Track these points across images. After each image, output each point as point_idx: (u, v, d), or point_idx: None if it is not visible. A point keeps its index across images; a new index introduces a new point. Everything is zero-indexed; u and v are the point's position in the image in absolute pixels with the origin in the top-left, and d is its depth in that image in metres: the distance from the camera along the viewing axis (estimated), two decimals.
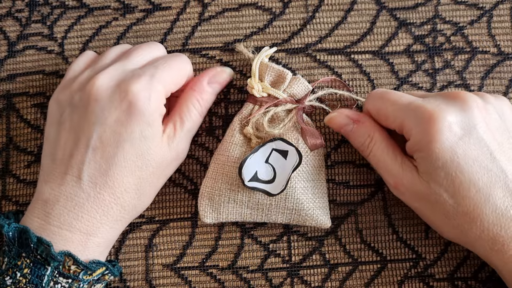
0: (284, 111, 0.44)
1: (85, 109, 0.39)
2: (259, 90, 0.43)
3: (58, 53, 0.47)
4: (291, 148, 0.41)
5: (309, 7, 0.48)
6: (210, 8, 0.48)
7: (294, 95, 0.44)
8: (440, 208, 0.38)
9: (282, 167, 0.42)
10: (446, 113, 0.38)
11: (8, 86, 0.47)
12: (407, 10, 0.47)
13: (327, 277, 0.45)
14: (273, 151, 0.42)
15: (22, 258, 0.37)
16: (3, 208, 0.46)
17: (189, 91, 0.43)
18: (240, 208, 0.43)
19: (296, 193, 0.42)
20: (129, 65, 0.41)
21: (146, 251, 0.45)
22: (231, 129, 0.44)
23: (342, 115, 0.43)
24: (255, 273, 0.45)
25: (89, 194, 0.38)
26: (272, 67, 0.43)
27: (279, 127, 0.43)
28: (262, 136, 0.43)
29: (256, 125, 0.43)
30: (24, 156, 0.46)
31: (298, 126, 0.44)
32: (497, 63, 0.47)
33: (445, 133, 0.37)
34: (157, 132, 0.40)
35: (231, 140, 0.43)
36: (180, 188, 0.46)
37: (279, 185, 0.42)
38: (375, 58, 0.47)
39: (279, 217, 0.43)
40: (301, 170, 0.43)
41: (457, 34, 0.47)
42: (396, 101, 0.40)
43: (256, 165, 0.41)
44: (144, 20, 0.48)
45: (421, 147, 0.38)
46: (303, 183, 0.43)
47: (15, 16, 0.48)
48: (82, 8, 0.48)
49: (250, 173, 0.41)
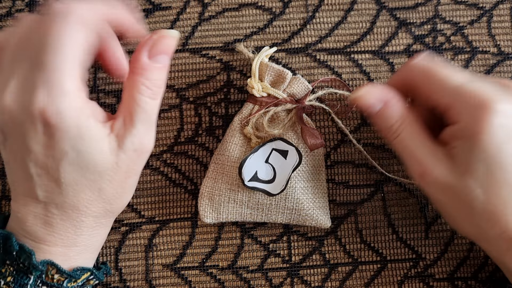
0: (284, 111, 0.44)
1: (12, 139, 0.36)
2: (259, 90, 0.43)
3: None
4: (291, 148, 0.42)
5: (309, 7, 0.48)
6: (210, 8, 0.48)
7: (294, 95, 0.44)
8: (467, 203, 0.36)
9: (282, 167, 0.42)
10: (504, 105, 0.35)
11: None
12: (407, 10, 0.47)
13: (327, 277, 0.45)
14: (273, 151, 0.42)
15: (6, 265, 0.36)
16: (3, 208, 0.46)
17: (130, 75, 0.37)
18: (240, 208, 0.43)
19: (296, 193, 0.43)
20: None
21: (146, 251, 0.45)
22: (231, 129, 0.44)
23: (371, 95, 0.39)
24: (255, 273, 0.45)
25: (53, 212, 0.36)
26: (272, 67, 0.43)
27: (279, 127, 0.43)
28: (262, 136, 0.43)
29: (256, 125, 0.44)
30: None
31: (298, 126, 0.44)
32: (497, 63, 0.47)
33: (497, 127, 0.34)
34: (97, 138, 0.35)
35: (231, 140, 0.43)
36: (180, 188, 0.46)
37: (279, 185, 0.42)
38: (375, 58, 0.47)
39: (279, 217, 0.43)
40: (301, 170, 0.43)
41: (457, 34, 0.47)
42: (447, 79, 0.37)
43: (256, 165, 0.42)
44: (144, 20, 0.48)
45: (467, 136, 0.35)
46: (303, 183, 0.43)
47: (15, 16, 0.48)
48: None
49: (250, 173, 0.42)
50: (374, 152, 0.46)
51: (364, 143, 0.46)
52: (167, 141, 0.46)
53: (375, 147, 0.46)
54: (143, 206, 0.46)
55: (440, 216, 0.45)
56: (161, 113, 0.46)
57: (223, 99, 0.46)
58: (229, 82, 0.46)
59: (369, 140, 0.46)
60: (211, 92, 0.47)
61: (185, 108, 0.46)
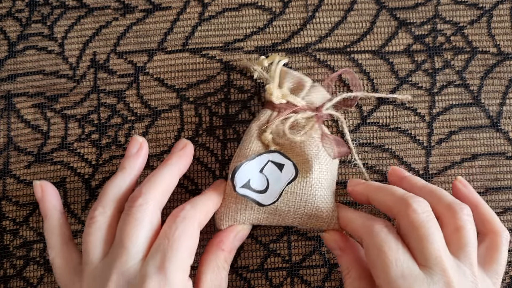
0: (304, 119, 0.43)
1: None
2: (278, 96, 0.42)
3: (58, 53, 0.47)
4: (288, 162, 0.40)
5: (309, 6, 0.48)
6: (210, 8, 0.48)
7: (312, 103, 0.43)
8: None
9: (276, 179, 0.41)
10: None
11: (8, 86, 0.47)
12: (407, 10, 0.47)
13: (327, 276, 0.45)
14: (269, 162, 0.41)
15: None
16: (3, 209, 0.46)
17: (216, 248, 0.41)
18: (257, 214, 0.42)
19: (315, 201, 0.41)
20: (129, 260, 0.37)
21: None
22: (249, 135, 0.43)
23: (331, 239, 0.42)
24: (255, 273, 0.45)
25: None
26: (291, 74, 0.43)
27: (300, 134, 0.42)
28: (282, 142, 0.42)
29: (276, 131, 0.42)
30: (24, 156, 0.46)
31: (318, 133, 0.42)
32: (497, 63, 0.47)
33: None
34: None
35: (249, 147, 0.42)
36: (180, 188, 0.46)
37: (271, 196, 0.40)
38: (375, 58, 0.47)
39: (296, 222, 0.42)
40: (322, 178, 0.42)
41: (457, 34, 0.47)
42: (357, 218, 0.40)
43: (250, 173, 0.40)
44: (144, 20, 0.48)
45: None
46: (323, 191, 0.42)
47: (15, 16, 0.48)
48: (82, 8, 0.48)
49: (243, 180, 0.40)
50: (374, 152, 0.46)
51: (364, 143, 0.46)
52: (167, 141, 0.46)
53: (375, 147, 0.46)
54: None
55: None
56: (162, 113, 0.46)
57: (223, 99, 0.47)
58: (229, 82, 0.46)
59: (368, 140, 0.46)
60: (211, 92, 0.47)
61: (185, 108, 0.46)
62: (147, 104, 0.47)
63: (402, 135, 0.46)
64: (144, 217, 0.38)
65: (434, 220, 0.37)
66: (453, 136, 0.46)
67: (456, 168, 0.46)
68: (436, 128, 0.46)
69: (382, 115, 0.46)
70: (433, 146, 0.46)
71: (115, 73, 0.47)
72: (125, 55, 0.47)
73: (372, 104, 0.46)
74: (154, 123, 0.46)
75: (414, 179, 0.42)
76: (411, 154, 0.46)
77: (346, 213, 0.41)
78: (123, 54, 0.47)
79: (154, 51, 0.47)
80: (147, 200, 0.38)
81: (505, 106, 0.46)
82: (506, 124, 0.46)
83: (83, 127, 0.46)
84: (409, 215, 0.37)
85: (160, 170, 0.40)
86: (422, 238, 0.36)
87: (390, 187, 0.40)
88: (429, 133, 0.46)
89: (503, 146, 0.46)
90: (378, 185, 0.41)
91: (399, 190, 0.39)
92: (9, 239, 0.46)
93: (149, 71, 0.47)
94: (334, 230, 0.42)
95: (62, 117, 0.47)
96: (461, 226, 0.37)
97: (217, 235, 0.42)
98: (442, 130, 0.46)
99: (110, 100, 0.47)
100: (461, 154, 0.46)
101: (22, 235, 0.46)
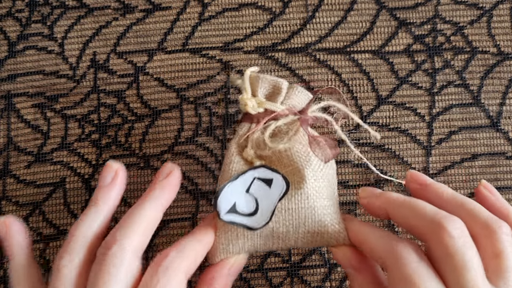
0: (286, 125, 0.39)
1: None
2: (253, 106, 0.38)
3: (58, 53, 0.47)
4: (276, 176, 0.36)
5: (309, 6, 0.48)
6: (210, 8, 0.48)
7: (294, 107, 0.39)
8: None
9: (265, 198, 0.36)
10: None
11: (8, 86, 0.47)
12: (407, 10, 0.47)
13: (327, 277, 0.45)
14: (255, 179, 0.36)
15: None
16: (2, 209, 0.46)
17: (208, 287, 0.36)
18: (252, 241, 0.37)
19: (316, 214, 0.36)
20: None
21: (146, 251, 0.45)
22: (229, 155, 0.38)
23: (342, 256, 0.36)
24: (255, 273, 0.45)
25: None
26: (264, 78, 0.39)
27: (283, 141, 0.37)
28: (266, 155, 0.38)
29: (256, 144, 0.38)
30: (24, 156, 0.46)
31: (305, 138, 0.38)
32: (496, 63, 0.47)
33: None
34: None
35: (231, 168, 0.37)
36: (180, 188, 0.46)
37: (262, 218, 0.36)
38: (375, 58, 0.47)
39: (299, 242, 0.37)
40: (319, 186, 0.37)
41: (457, 34, 0.47)
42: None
43: (235, 195, 0.36)
44: (144, 20, 0.48)
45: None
46: (322, 201, 0.37)
47: (15, 16, 0.48)
48: (82, 8, 0.48)
49: (227, 205, 0.35)
50: (374, 152, 0.46)
51: (363, 143, 0.46)
52: (167, 141, 0.46)
53: (374, 147, 0.46)
54: None
55: None
56: (161, 113, 0.46)
57: (223, 99, 0.47)
58: (229, 82, 0.46)
59: (368, 140, 0.46)
60: (211, 92, 0.47)
61: (185, 108, 0.46)
62: (147, 104, 0.47)
63: (402, 135, 0.46)
64: (119, 270, 0.32)
65: (472, 245, 0.32)
66: (453, 136, 0.46)
67: (456, 168, 0.46)
68: (436, 128, 0.46)
69: (382, 115, 0.46)
70: (433, 146, 0.46)
71: (115, 73, 0.47)
72: (125, 55, 0.47)
73: (372, 104, 0.46)
74: (154, 123, 0.46)
75: (440, 187, 0.36)
76: (411, 154, 0.46)
77: (360, 228, 0.36)
78: (123, 54, 0.47)
79: (154, 51, 0.47)
80: (123, 247, 0.32)
81: (505, 106, 0.46)
82: (506, 124, 0.46)
83: (83, 127, 0.46)
84: (444, 240, 0.31)
85: (140, 206, 0.35)
86: (458, 268, 0.31)
87: (416, 203, 0.34)
88: (429, 133, 0.46)
89: (503, 146, 0.46)
90: (401, 199, 0.35)
91: (428, 208, 0.33)
92: None
93: (149, 71, 0.47)
94: (345, 246, 0.37)
95: (62, 117, 0.47)
96: (500, 251, 0.32)
97: (208, 271, 0.37)
98: (442, 130, 0.46)
99: (110, 100, 0.47)
100: (461, 154, 0.46)
101: None
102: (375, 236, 0.34)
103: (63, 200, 0.46)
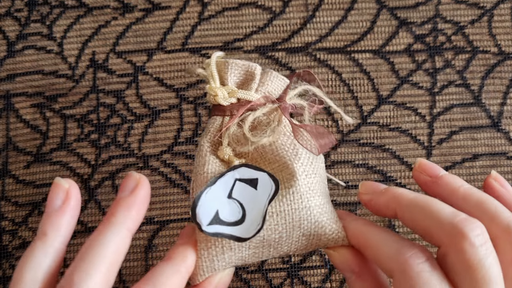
0: (265, 115, 0.34)
1: None
2: (224, 96, 0.33)
3: (57, 53, 0.47)
4: (261, 175, 0.31)
5: (309, 6, 0.47)
6: (210, 8, 0.48)
7: (271, 94, 0.35)
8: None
9: (252, 201, 0.31)
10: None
11: (7, 86, 0.47)
12: (407, 9, 0.47)
13: (327, 277, 0.45)
14: (236, 181, 0.31)
15: None
16: (2, 209, 0.46)
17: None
18: (240, 253, 0.32)
19: (312, 214, 0.32)
20: None
21: (145, 252, 0.45)
22: (201, 155, 0.33)
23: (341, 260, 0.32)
24: (255, 274, 0.45)
25: None
26: (234, 64, 0.34)
27: (266, 134, 0.33)
28: (246, 151, 0.33)
29: (234, 140, 0.33)
30: (23, 156, 0.46)
31: (289, 128, 0.34)
32: (497, 62, 0.47)
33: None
34: None
35: (205, 170, 0.32)
36: (180, 188, 0.46)
37: (252, 224, 0.31)
38: (376, 57, 0.47)
39: (293, 248, 0.33)
40: (311, 182, 0.32)
41: (458, 33, 0.47)
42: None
43: (216, 202, 0.31)
44: (144, 19, 0.47)
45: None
46: (317, 199, 0.32)
47: (14, 16, 0.48)
48: (82, 8, 0.48)
49: (209, 214, 0.30)
50: (374, 152, 0.46)
51: (363, 143, 0.46)
52: (166, 142, 0.46)
53: (375, 147, 0.46)
54: None
55: None
56: (161, 113, 0.46)
57: None
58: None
59: (369, 140, 0.46)
60: None
61: (184, 108, 0.46)
62: (146, 104, 0.46)
63: (402, 135, 0.46)
64: None
65: (493, 252, 0.28)
66: (454, 136, 0.46)
67: (457, 168, 0.46)
68: (437, 128, 0.46)
69: (382, 115, 0.46)
70: (434, 146, 0.46)
71: (114, 72, 0.47)
72: (124, 54, 0.47)
73: (372, 104, 0.46)
74: (153, 123, 0.46)
75: (455, 181, 0.32)
76: (412, 154, 0.46)
77: (361, 229, 0.31)
78: (122, 54, 0.47)
79: (153, 50, 0.47)
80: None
81: (506, 106, 0.46)
82: (507, 124, 0.46)
83: (82, 127, 0.46)
84: (464, 249, 0.27)
85: (101, 235, 0.28)
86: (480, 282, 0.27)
87: (430, 203, 0.30)
88: (430, 133, 0.46)
89: (504, 146, 0.46)
90: (411, 196, 0.31)
91: (444, 209, 0.29)
92: (8, 239, 0.46)
93: (148, 71, 0.47)
94: (344, 247, 0.32)
95: (61, 117, 0.47)
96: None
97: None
98: (443, 130, 0.46)
99: (109, 100, 0.47)
100: (462, 154, 0.46)
101: (21, 236, 0.46)
102: (380, 239, 0.30)
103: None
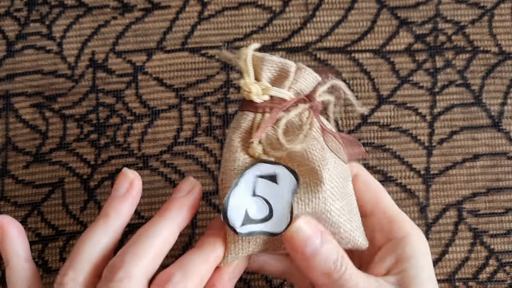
0: (296, 116, 0.34)
1: None
2: (258, 92, 0.33)
3: (57, 52, 0.47)
4: (279, 169, 0.32)
5: (310, 5, 0.47)
6: (210, 7, 0.47)
7: (302, 91, 0.34)
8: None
9: (276, 196, 0.32)
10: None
11: (6, 86, 0.47)
12: (408, 9, 0.47)
13: None
14: (258, 179, 0.32)
15: None
16: (1, 209, 0.46)
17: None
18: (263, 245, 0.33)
19: (332, 216, 0.32)
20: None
21: None
22: (231, 151, 0.33)
23: (309, 226, 0.31)
24: (255, 274, 0.45)
25: None
26: (269, 60, 0.33)
27: (300, 140, 0.32)
28: (279, 155, 0.33)
29: (267, 141, 0.33)
30: (23, 156, 0.46)
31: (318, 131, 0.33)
32: (498, 62, 0.47)
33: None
34: None
35: (235, 167, 0.33)
36: None
37: (281, 219, 0.31)
38: (376, 57, 0.47)
39: None
40: (333, 187, 0.32)
41: (458, 33, 0.47)
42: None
43: (243, 202, 0.31)
44: (143, 19, 0.47)
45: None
46: (338, 202, 0.32)
47: (13, 16, 0.48)
48: (81, 7, 0.48)
49: (240, 215, 0.31)
50: (374, 152, 0.46)
51: (364, 143, 0.46)
52: (166, 141, 0.46)
53: (375, 147, 0.46)
54: (143, 207, 0.45)
55: (441, 217, 0.45)
56: (160, 113, 0.46)
57: (222, 98, 0.46)
58: (228, 81, 0.46)
59: (369, 140, 0.46)
60: (211, 92, 0.46)
61: (184, 108, 0.46)
62: (146, 103, 0.46)
63: (403, 135, 0.46)
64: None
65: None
66: (454, 136, 0.46)
67: (458, 168, 0.45)
68: (437, 128, 0.46)
69: (383, 115, 0.46)
70: (434, 146, 0.46)
71: (113, 72, 0.47)
72: (124, 54, 0.47)
73: (372, 104, 0.46)
74: (153, 123, 0.46)
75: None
76: (412, 154, 0.46)
77: (377, 187, 0.37)
78: (122, 54, 0.47)
79: (153, 50, 0.47)
80: (130, 274, 0.29)
81: (506, 106, 0.46)
82: (508, 124, 0.46)
83: (82, 127, 0.46)
84: None
85: (154, 225, 0.31)
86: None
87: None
88: (430, 133, 0.46)
89: (505, 146, 0.46)
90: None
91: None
92: None
93: (148, 71, 0.47)
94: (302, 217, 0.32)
95: (61, 117, 0.46)
96: None
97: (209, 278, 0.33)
98: (443, 130, 0.46)
99: (108, 99, 0.46)
100: (462, 154, 0.46)
101: None
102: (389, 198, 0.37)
103: (62, 201, 0.45)
